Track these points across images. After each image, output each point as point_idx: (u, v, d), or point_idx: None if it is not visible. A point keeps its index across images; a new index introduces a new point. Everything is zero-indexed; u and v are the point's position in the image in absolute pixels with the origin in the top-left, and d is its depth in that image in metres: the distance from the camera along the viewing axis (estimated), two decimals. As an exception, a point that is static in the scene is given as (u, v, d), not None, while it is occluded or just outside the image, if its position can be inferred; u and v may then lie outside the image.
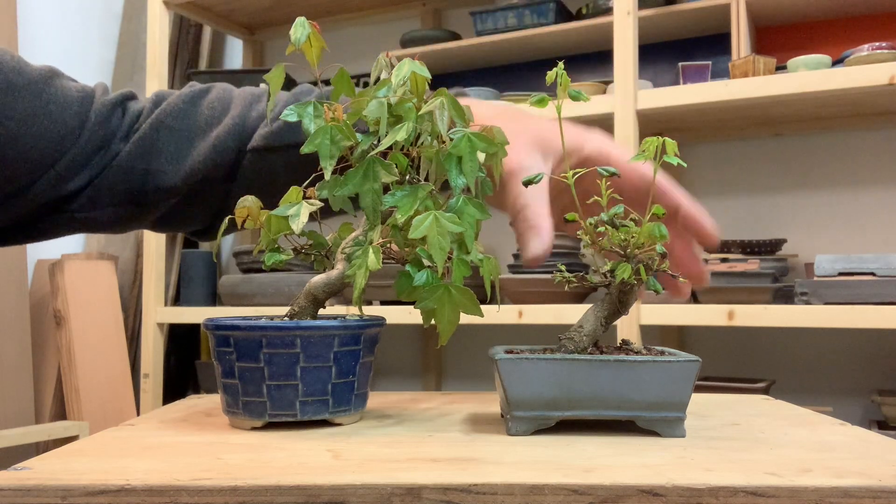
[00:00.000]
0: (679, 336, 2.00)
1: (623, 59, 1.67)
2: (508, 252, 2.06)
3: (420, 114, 0.54)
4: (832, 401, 1.82)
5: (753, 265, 1.63)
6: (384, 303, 1.91)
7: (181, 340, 2.44)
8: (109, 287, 2.20)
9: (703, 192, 2.00)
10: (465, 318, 0.55)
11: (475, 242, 0.55)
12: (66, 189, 0.72)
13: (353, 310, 0.58)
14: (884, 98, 1.64)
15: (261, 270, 2.03)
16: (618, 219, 0.54)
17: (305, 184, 0.58)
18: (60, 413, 2.13)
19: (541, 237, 0.60)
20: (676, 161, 0.53)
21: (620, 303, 0.56)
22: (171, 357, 2.38)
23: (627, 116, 1.66)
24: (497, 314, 1.42)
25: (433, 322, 0.54)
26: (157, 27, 2.18)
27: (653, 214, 0.54)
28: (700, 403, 0.67)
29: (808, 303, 1.54)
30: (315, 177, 0.58)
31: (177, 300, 2.33)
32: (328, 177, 0.54)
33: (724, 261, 1.68)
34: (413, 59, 0.54)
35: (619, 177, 0.56)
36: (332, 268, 0.56)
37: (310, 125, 0.55)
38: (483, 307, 0.54)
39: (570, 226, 0.56)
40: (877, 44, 1.55)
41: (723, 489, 0.40)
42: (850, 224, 1.87)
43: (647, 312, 1.61)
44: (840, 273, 1.54)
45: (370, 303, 1.92)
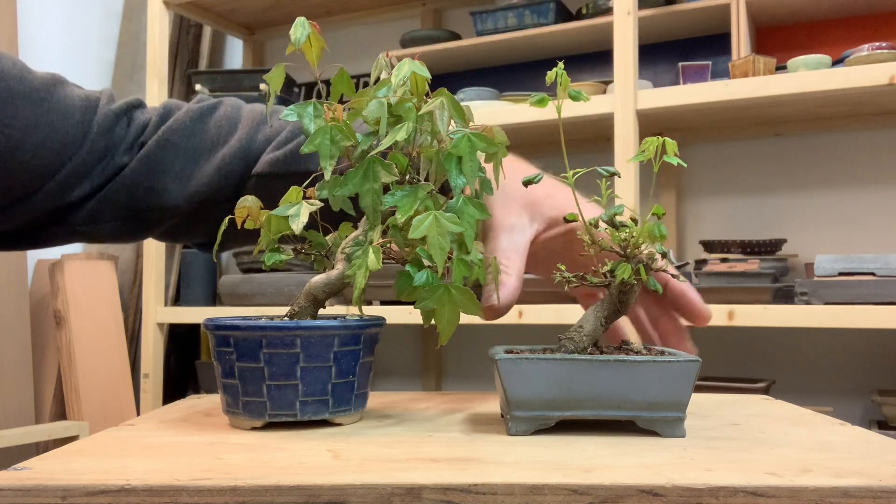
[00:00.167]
0: (679, 336, 1.99)
1: (623, 59, 1.67)
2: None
3: (420, 114, 0.54)
4: (832, 401, 1.82)
5: (753, 265, 1.63)
6: (384, 303, 1.91)
7: (181, 340, 2.44)
8: (109, 287, 2.20)
9: (703, 192, 2.00)
10: (465, 318, 0.55)
11: (475, 242, 0.55)
12: (68, 199, 0.72)
13: (353, 310, 0.58)
14: (884, 98, 1.64)
15: (261, 270, 2.03)
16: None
17: (305, 184, 0.58)
18: (60, 413, 2.13)
19: (502, 291, 0.60)
20: (676, 161, 0.53)
21: (620, 303, 0.56)
22: (171, 357, 2.38)
23: (627, 116, 1.66)
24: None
25: (433, 322, 0.54)
26: (157, 27, 2.18)
27: (652, 214, 0.54)
28: (700, 403, 0.67)
29: (808, 303, 1.54)
30: (315, 177, 0.58)
31: (177, 300, 2.33)
32: (328, 177, 0.54)
33: (724, 261, 1.68)
34: (413, 59, 0.54)
35: (619, 176, 0.56)
36: (332, 268, 0.56)
37: (310, 125, 0.55)
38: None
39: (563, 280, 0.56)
40: (877, 44, 1.55)
41: (723, 489, 0.40)
42: (850, 224, 1.87)
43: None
44: (840, 273, 1.54)
45: (370, 303, 1.92)
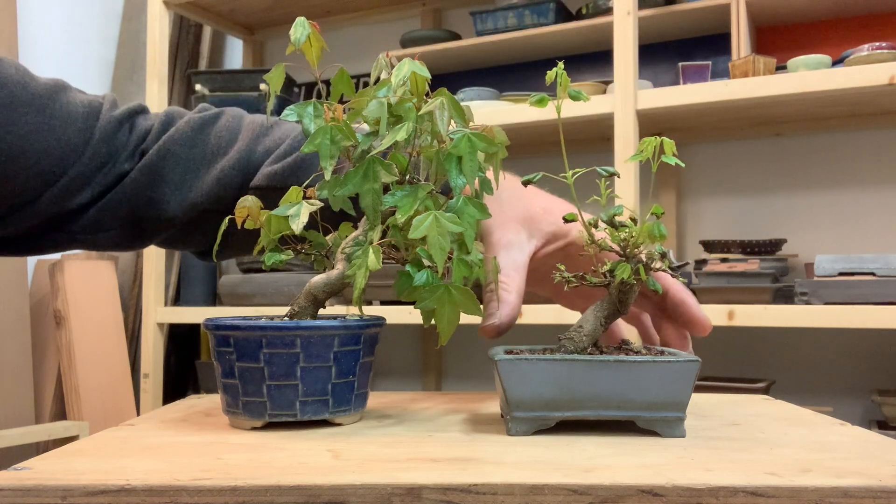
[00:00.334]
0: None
1: (623, 59, 1.67)
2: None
3: (420, 114, 0.54)
4: (832, 401, 1.82)
5: (753, 265, 1.63)
6: (384, 303, 1.91)
7: (181, 340, 2.44)
8: (109, 287, 2.20)
9: (703, 192, 2.00)
10: (465, 318, 0.55)
11: (475, 242, 0.55)
12: (69, 206, 0.72)
13: (353, 310, 0.58)
14: (884, 98, 1.64)
15: (261, 270, 2.03)
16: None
17: (305, 184, 0.58)
18: (60, 413, 2.13)
19: (503, 309, 0.60)
20: (675, 161, 0.53)
21: (620, 303, 0.56)
22: (171, 357, 2.38)
23: (627, 116, 1.66)
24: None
25: (433, 322, 0.54)
26: (157, 27, 2.18)
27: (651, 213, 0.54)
28: (700, 403, 0.67)
29: (808, 303, 1.53)
30: (315, 176, 0.58)
31: (177, 300, 2.33)
32: (328, 177, 0.54)
33: (724, 261, 1.68)
34: (413, 59, 0.54)
35: (619, 177, 0.56)
36: (332, 268, 0.56)
37: (310, 125, 0.55)
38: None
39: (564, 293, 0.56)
40: (877, 44, 1.55)
41: (723, 489, 0.40)
42: (850, 224, 1.87)
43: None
44: (840, 273, 1.53)
45: (370, 303, 1.92)
